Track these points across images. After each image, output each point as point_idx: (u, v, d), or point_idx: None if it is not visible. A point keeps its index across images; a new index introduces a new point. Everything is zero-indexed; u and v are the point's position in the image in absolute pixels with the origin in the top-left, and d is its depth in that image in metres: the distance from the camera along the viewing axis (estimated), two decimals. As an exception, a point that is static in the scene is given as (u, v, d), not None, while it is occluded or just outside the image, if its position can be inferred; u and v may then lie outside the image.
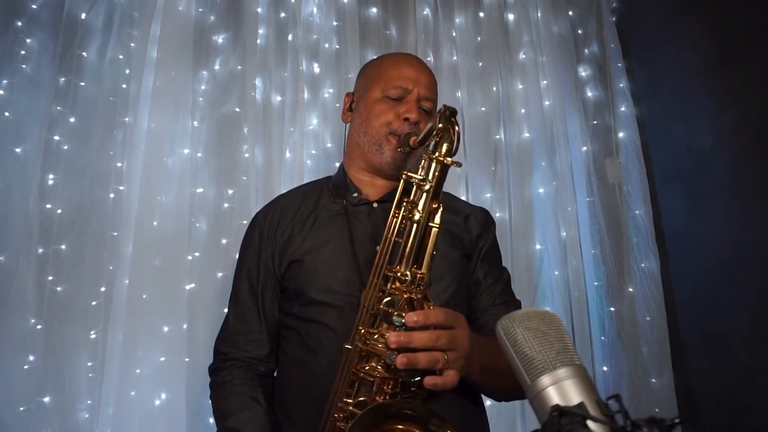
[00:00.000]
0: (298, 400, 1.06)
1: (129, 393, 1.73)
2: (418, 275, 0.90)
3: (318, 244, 1.12)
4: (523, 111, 2.29)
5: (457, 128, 0.94)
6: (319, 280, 1.08)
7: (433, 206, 0.93)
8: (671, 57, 2.22)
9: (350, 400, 0.88)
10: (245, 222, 1.94)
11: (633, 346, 2.07)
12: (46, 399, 1.69)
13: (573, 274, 2.13)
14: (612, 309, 2.14)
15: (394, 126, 1.13)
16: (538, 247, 2.18)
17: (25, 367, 1.68)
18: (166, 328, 1.82)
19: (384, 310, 0.89)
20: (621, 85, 2.33)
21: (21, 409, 1.65)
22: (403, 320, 0.85)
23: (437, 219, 0.93)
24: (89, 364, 1.76)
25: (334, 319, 1.04)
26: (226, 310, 1.85)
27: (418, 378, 0.87)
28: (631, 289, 2.14)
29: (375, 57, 1.33)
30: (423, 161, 0.95)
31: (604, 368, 2.08)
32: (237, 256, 1.89)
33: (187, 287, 1.87)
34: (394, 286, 0.91)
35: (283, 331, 1.15)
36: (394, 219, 0.95)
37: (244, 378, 1.10)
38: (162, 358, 1.79)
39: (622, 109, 2.32)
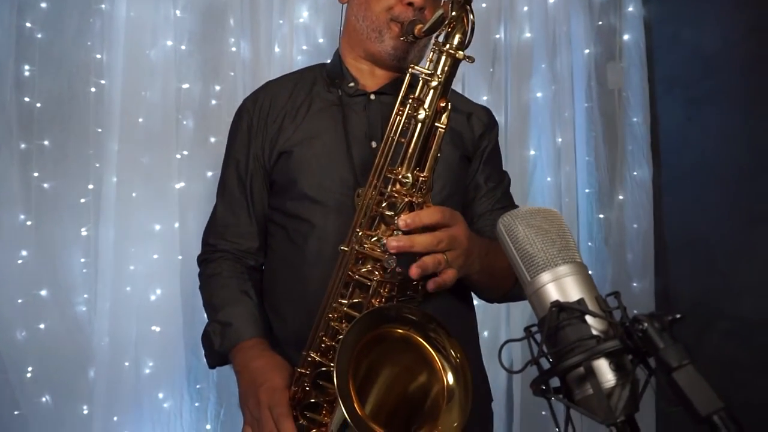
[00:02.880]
0: (286, 297, 1.06)
1: (124, 288, 1.76)
2: (421, 178, 0.87)
3: (309, 135, 1.07)
4: (525, 9, 2.17)
5: (471, 17, 0.87)
6: (310, 173, 1.04)
7: (441, 105, 0.87)
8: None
9: (345, 301, 0.88)
10: (234, 120, 1.90)
11: (618, 252, 2.12)
12: (43, 292, 1.71)
13: (565, 180, 2.13)
14: (601, 216, 2.17)
15: (396, 12, 1.02)
16: (532, 152, 2.15)
17: (19, 261, 1.69)
18: (157, 227, 1.81)
19: (383, 212, 0.86)
20: (631, -18, 2.20)
21: (19, 301, 1.68)
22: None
23: (444, 119, 0.87)
24: (82, 260, 1.77)
25: (322, 218, 1.02)
26: (217, 207, 1.89)
27: (415, 282, 0.86)
28: (621, 197, 2.16)
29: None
30: (432, 54, 0.88)
31: (589, 272, 2.14)
32: (227, 154, 1.89)
33: (177, 186, 1.84)
34: (394, 189, 0.87)
35: (270, 226, 1.12)
36: (398, 116, 0.89)
37: (233, 271, 1.09)
38: (155, 256, 1.81)
39: (630, 9, 2.20)
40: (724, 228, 1.92)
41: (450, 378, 0.80)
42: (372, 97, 1.09)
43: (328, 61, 1.19)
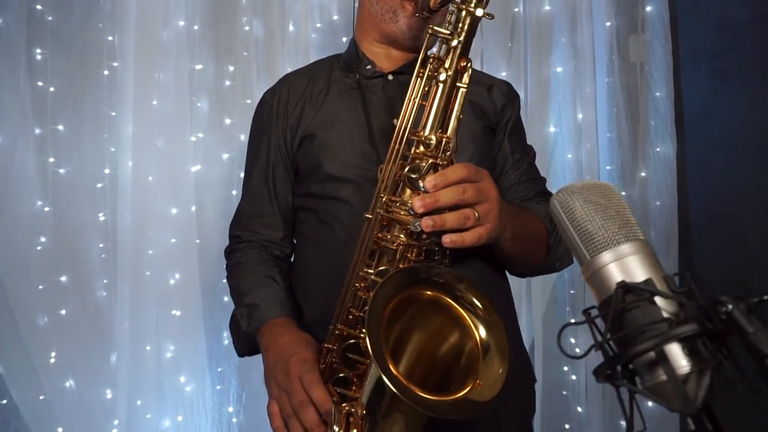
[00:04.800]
0: (315, 277, 1.05)
1: (144, 273, 1.75)
2: (444, 139, 0.84)
3: (331, 118, 1.06)
4: (545, -20, 2.10)
5: None
6: (334, 154, 1.03)
7: (462, 64, 0.84)
8: None
9: (371, 271, 0.86)
10: (249, 101, 1.87)
11: (641, 229, 2.05)
12: (63, 278, 1.71)
13: (587, 157, 2.08)
14: (623, 193, 2.12)
15: None
16: (552, 129, 2.10)
17: (38, 248, 1.69)
18: (174, 211, 1.80)
19: (407, 176, 0.83)
20: (654, -50, 2.12)
21: (40, 287, 1.68)
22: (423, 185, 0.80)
23: (465, 79, 0.85)
24: (101, 245, 1.76)
25: (352, 194, 1.01)
26: (234, 192, 1.87)
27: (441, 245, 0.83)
28: (643, 174, 2.11)
29: None
30: (450, 15, 0.87)
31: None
32: (242, 137, 1.87)
33: (193, 169, 1.82)
34: (417, 151, 0.85)
35: (299, 213, 1.11)
36: (418, 79, 0.88)
37: (259, 258, 1.09)
38: (173, 240, 1.80)
39: (653, -21, 2.13)
40: (753, 204, 1.87)
41: (482, 332, 0.78)
42: (390, 77, 1.08)
43: (343, 52, 1.18)
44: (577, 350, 2.13)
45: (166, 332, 1.78)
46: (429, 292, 0.80)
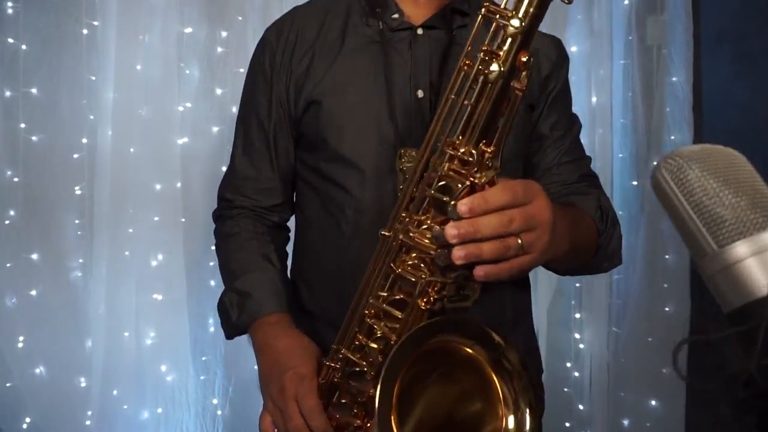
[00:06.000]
0: (317, 268, 0.94)
1: (123, 253, 1.63)
2: (486, 154, 0.64)
3: (343, 80, 0.89)
4: (561, -47, 1.97)
5: None
6: (343, 132, 0.88)
7: (522, 60, 0.62)
8: None
9: (385, 294, 0.72)
10: (242, 70, 1.72)
11: (653, 221, 1.98)
12: (34, 256, 1.59)
13: (599, 143, 1.97)
14: (634, 183, 2.02)
15: None
16: (564, 113, 1.99)
17: (6, 222, 1.56)
18: (158, 186, 1.67)
19: (437, 196, 0.65)
20: (678, -76, 1.99)
21: (8, 265, 1.56)
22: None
23: (524, 78, 0.63)
24: (76, 221, 1.64)
25: (358, 185, 0.86)
26: (224, 168, 1.72)
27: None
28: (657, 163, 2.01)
29: None
30: None
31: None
32: (234, 109, 1.73)
33: (180, 141, 1.69)
34: (452, 167, 0.65)
35: (299, 184, 0.98)
36: (462, 73, 0.66)
37: (253, 231, 0.96)
38: (156, 218, 1.67)
39: (674, -45, 2.00)
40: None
41: (510, 424, 0.67)
42: (419, 31, 0.90)
43: None
44: (581, 346, 2.04)
45: (147, 317, 1.66)
46: (468, 350, 0.69)
